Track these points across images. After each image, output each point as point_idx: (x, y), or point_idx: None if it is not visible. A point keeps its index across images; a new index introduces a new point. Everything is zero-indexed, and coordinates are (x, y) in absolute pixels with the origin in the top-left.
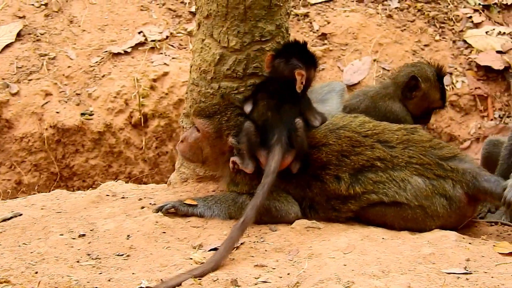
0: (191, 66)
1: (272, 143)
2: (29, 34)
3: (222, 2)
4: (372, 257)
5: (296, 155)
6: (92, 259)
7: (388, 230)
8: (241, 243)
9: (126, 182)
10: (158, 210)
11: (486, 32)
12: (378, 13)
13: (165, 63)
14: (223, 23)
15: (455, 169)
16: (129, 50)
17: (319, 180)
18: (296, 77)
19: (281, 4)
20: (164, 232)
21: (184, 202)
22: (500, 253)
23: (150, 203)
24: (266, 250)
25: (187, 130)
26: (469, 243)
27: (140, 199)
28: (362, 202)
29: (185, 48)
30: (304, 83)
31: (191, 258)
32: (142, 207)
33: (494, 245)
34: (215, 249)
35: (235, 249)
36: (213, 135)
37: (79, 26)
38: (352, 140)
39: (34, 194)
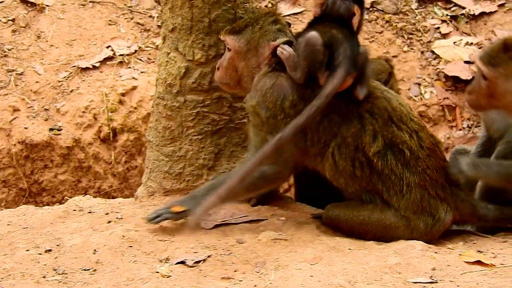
0: (157, 80)
1: (335, 63)
2: None
3: (186, 16)
4: (338, 268)
5: (359, 79)
6: (59, 274)
7: (354, 241)
8: (208, 256)
9: (95, 197)
10: (150, 220)
11: (454, 43)
12: None
13: (133, 77)
14: (188, 37)
15: (456, 194)
16: (97, 64)
17: (360, 124)
18: (355, 12)
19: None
20: (131, 246)
21: (173, 211)
22: (466, 262)
23: (117, 217)
24: (233, 263)
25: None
26: (435, 252)
27: (107, 214)
28: (372, 179)
29: (153, 62)
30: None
31: (157, 272)
32: (109, 222)
33: (460, 254)
34: (182, 262)
35: (202, 262)
36: (245, 48)
37: (47, 41)
38: (403, 112)
39: (1, 210)
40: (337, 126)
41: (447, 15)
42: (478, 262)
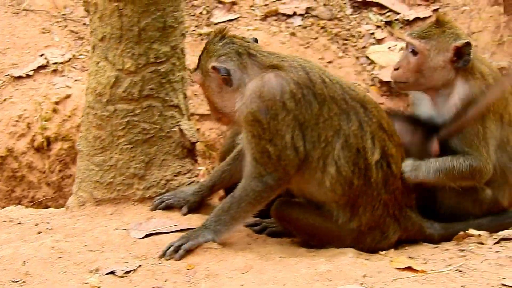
0: (86, 89)
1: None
2: None
3: (116, 25)
4: (269, 276)
5: None
6: None
7: (285, 248)
8: (138, 266)
9: (28, 207)
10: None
11: (389, 48)
12: (281, 31)
13: (67, 86)
14: (117, 46)
15: (408, 217)
16: (30, 73)
17: (358, 121)
18: None
19: (176, 26)
20: (61, 257)
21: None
22: (397, 268)
23: (47, 228)
24: (163, 272)
25: None
26: (366, 259)
27: (37, 224)
28: (361, 192)
29: (87, 70)
30: None
31: (87, 283)
32: (39, 232)
33: (391, 260)
34: (112, 272)
35: (132, 272)
36: (203, 79)
37: None
38: (389, 121)
39: None
40: (337, 119)
41: (381, 20)
42: (409, 268)
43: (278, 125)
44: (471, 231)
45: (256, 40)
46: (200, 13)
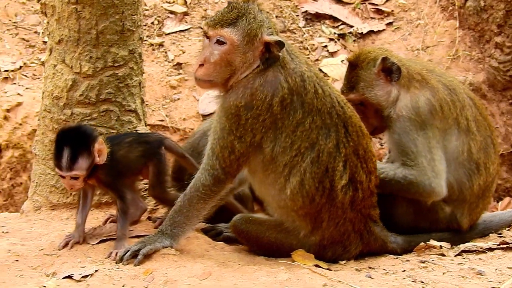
0: (43, 92)
1: None
2: None
3: (74, 27)
4: (228, 283)
5: None
6: None
7: (244, 256)
8: (95, 271)
9: None
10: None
11: (342, 61)
12: None
13: (18, 93)
14: (75, 49)
15: (371, 232)
16: None
17: (336, 139)
18: None
19: (134, 29)
20: (17, 260)
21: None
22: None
23: (3, 232)
24: (121, 277)
25: (201, 53)
26: (327, 269)
27: None
28: (323, 209)
29: (39, 78)
30: None
31: (44, 286)
32: None
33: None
34: (69, 276)
35: (89, 276)
36: (244, 41)
37: None
38: (368, 148)
39: None
40: (316, 132)
41: (334, 33)
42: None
43: (255, 125)
44: (432, 242)
45: None
46: (152, 23)
